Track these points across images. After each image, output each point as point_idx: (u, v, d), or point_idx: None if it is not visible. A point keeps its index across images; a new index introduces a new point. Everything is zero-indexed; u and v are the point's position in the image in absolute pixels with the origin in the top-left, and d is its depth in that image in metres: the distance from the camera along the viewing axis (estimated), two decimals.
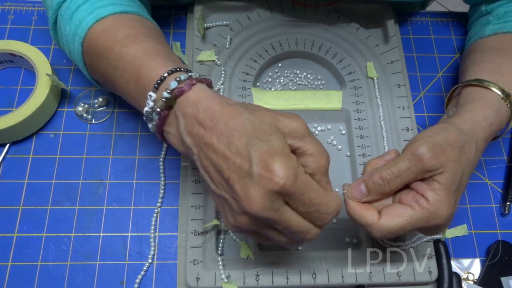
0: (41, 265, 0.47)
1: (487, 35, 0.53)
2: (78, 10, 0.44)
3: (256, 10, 0.60)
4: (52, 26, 0.48)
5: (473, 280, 0.49)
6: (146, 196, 0.51)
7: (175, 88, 0.36)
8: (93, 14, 0.43)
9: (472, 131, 0.41)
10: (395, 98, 0.55)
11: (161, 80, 0.37)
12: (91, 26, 0.43)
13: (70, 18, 0.44)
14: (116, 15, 0.44)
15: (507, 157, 0.57)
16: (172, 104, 0.36)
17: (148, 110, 0.38)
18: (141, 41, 0.41)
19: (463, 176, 0.39)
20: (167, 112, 0.37)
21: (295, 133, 0.35)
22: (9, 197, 0.50)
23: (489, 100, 0.44)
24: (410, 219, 0.37)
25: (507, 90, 0.44)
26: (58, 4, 0.46)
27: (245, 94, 0.54)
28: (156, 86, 0.37)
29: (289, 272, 0.45)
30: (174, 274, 0.47)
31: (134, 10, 0.45)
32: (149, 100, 0.37)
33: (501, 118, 0.44)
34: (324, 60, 0.58)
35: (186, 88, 0.36)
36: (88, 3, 0.44)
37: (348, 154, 0.53)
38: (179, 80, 0.36)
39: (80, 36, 0.44)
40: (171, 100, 0.36)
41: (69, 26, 0.45)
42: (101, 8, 0.44)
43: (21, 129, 0.51)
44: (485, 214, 0.53)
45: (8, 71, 0.57)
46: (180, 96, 0.36)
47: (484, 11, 0.56)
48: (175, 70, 0.38)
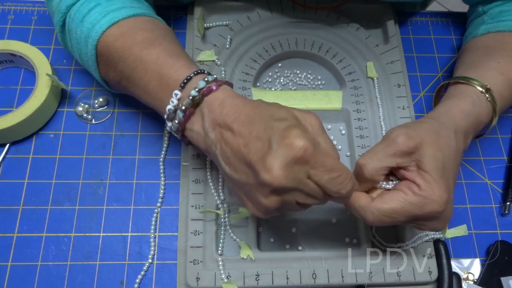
0: (41, 265, 0.47)
1: (480, 34, 0.54)
2: (90, 13, 0.45)
3: (256, 10, 0.60)
4: (60, 29, 0.48)
5: (473, 280, 0.49)
6: (146, 196, 0.51)
7: (203, 87, 0.38)
8: (107, 17, 0.44)
9: (447, 119, 0.42)
10: (395, 98, 0.55)
11: (187, 80, 0.39)
12: (105, 30, 0.44)
13: (81, 21, 0.45)
14: (130, 18, 0.45)
15: (507, 157, 0.57)
16: (199, 102, 0.39)
17: (171, 108, 0.39)
18: (160, 44, 0.43)
19: (447, 161, 0.39)
20: (193, 109, 0.39)
21: (311, 127, 0.37)
22: (9, 197, 0.50)
23: (466, 94, 0.45)
24: (403, 203, 0.38)
25: (486, 85, 0.45)
26: (67, 7, 0.46)
27: (245, 94, 0.54)
28: (182, 85, 0.39)
29: (289, 272, 0.45)
30: (174, 274, 0.47)
31: (145, 12, 0.46)
32: (173, 98, 0.39)
33: (479, 111, 0.45)
34: (324, 60, 0.58)
35: (214, 88, 0.38)
36: (100, 7, 0.45)
37: (348, 154, 0.53)
38: (207, 81, 0.39)
39: (94, 39, 0.44)
40: (198, 99, 0.38)
41: (80, 29, 0.45)
42: (114, 11, 0.45)
43: (21, 129, 0.51)
44: (485, 214, 0.53)
45: (8, 71, 0.57)
46: (208, 95, 0.38)
47: (480, 11, 0.56)
48: (199, 72, 0.40)
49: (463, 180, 0.55)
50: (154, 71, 0.41)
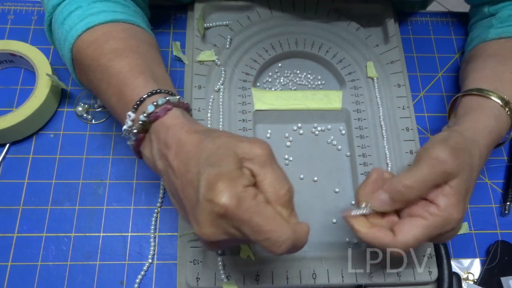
0: (41, 265, 0.47)
1: (490, 39, 0.52)
2: (70, 16, 0.44)
3: (256, 10, 0.60)
4: (47, 27, 0.48)
5: (473, 280, 0.49)
6: (146, 196, 0.51)
7: (151, 112, 0.36)
8: (83, 22, 0.43)
9: (473, 138, 0.41)
10: (395, 98, 0.55)
11: (140, 102, 0.38)
12: (80, 34, 0.43)
13: (62, 23, 0.44)
14: (106, 24, 0.43)
15: (507, 157, 0.57)
16: (148, 127, 0.37)
17: (126, 129, 0.38)
18: (126, 56, 0.41)
19: (471, 180, 0.39)
20: (142, 134, 0.38)
21: (256, 159, 0.34)
22: (9, 197, 0.50)
23: (487, 109, 0.44)
24: (425, 229, 0.37)
25: (506, 98, 0.45)
26: (53, 7, 0.45)
27: (245, 94, 0.54)
28: (135, 107, 0.38)
29: (289, 272, 0.45)
30: (174, 274, 0.47)
31: (126, 18, 0.45)
32: (128, 120, 0.38)
33: (501, 126, 0.44)
34: (324, 60, 0.58)
35: (162, 114, 0.36)
36: (80, 10, 0.44)
37: (348, 154, 0.53)
38: (156, 105, 0.37)
39: (70, 42, 0.43)
40: (147, 124, 0.37)
41: (61, 31, 0.44)
42: (92, 15, 0.43)
43: (21, 129, 0.51)
44: (485, 214, 0.53)
45: (8, 71, 0.57)
46: (155, 121, 0.37)
47: (487, 12, 0.55)
48: (155, 92, 0.38)
49: None
50: (115, 86, 0.40)
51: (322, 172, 0.52)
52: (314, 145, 0.54)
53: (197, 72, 0.55)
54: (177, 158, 0.34)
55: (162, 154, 0.36)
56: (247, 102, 0.54)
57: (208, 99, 0.53)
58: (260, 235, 0.31)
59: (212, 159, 0.33)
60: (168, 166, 0.35)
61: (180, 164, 0.34)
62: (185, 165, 0.34)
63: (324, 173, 0.52)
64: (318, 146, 0.54)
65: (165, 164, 0.36)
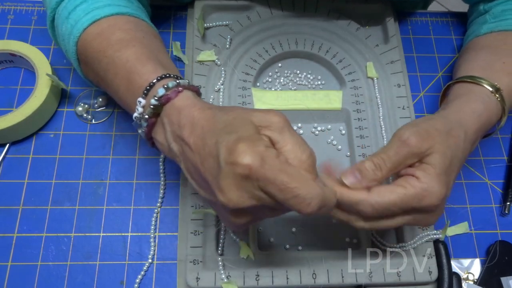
0: (41, 265, 0.47)
1: (483, 34, 0.53)
2: (75, 10, 0.44)
3: (256, 10, 0.60)
4: (50, 24, 0.48)
5: (473, 280, 0.49)
6: (146, 196, 0.51)
7: (162, 95, 0.36)
8: (89, 15, 0.43)
9: (459, 119, 0.42)
10: (395, 98, 0.55)
11: (150, 87, 0.37)
12: (86, 28, 0.43)
13: (67, 17, 0.44)
14: (112, 17, 0.44)
15: (507, 157, 0.57)
16: (159, 111, 0.37)
17: (137, 116, 0.38)
18: (133, 45, 0.41)
19: (453, 159, 0.39)
20: (154, 119, 0.37)
21: (273, 126, 0.33)
22: (9, 197, 0.50)
23: (476, 94, 0.45)
24: (401, 196, 0.36)
25: (496, 85, 0.45)
26: (57, 3, 0.46)
27: (245, 94, 0.54)
28: (146, 92, 0.37)
29: (289, 272, 0.45)
30: (174, 274, 0.47)
31: (131, 12, 0.45)
32: (138, 106, 0.37)
33: (490, 111, 0.44)
34: (324, 60, 0.58)
35: (173, 96, 0.36)
36: (85, 4, 0.44)
37: (348, 154, 0.53)
38: (166, 87, 0.36)
39: (75, 36, 0.44)
40: (158, 107, 0.37)
41: (65, 26, 0.45)
42: (98, 9, 0.44)
43: (21, 129, 0.51)
44: (485, 214, 0.53)
45: (8, 71, 0.57)
46: (167, 104, 0.36)
47: (482, 10, 0.56)
48: (164, 77, 0.38)
49: (463, 180, 0.55)
50: (123, 75, 0.40)
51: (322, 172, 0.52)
52: (314, 145, 0.53)
53: (197, 72, 0.55)
54: (193, 134, 0.34)
55: (176, 136, 0.36)
56: (247, 102, 0.54)
57: (208, 99, 0.53)
58: (288, 193, 0.30)
59: (229, 128, 0.32)
60: (185, 145, 0.35)
61: (196, 139, 0.34)
62: (202, 139, 0.33)
63: None
64: (318, 146, 0.54)
65: (180, 145, 0.35)
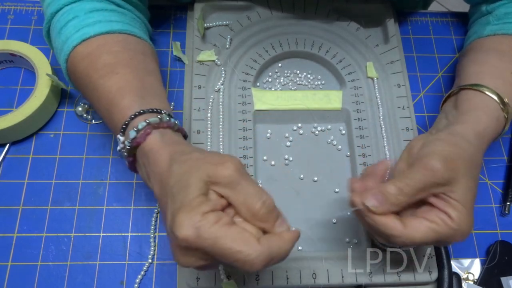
0: (41, 265, 0.47)
1: (486, 35, 0.53)
2: (67, 26, 0.44)
3: (256, 10, 0.60)
4: (46, 34, 0.48)
5: (473, 280, 0.49)
6: (146, 196, 0.51)
7: (133, 138, 0.37)
8: (79, 32, 0.43)
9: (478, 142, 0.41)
10: (395, 98, 0.55)
11: (126, 125, 0.38)
12: (76, 46, 0.43)
13: (59, 32, 0.45)
14: (101, 36, 0.43)
15: (507, 157, 0.57)
16: (134, 152, 0.38)
17: (119, 150, 0.39)
18: (117, 73, 0.41)
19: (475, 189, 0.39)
20: (131, 158, 0.39)
21: (222, 181, 0.33)
22: (9, 197, 0.50)
23: (490, 110, 0.44)
24: (435, 233, 0.37)
25: (506, 101, 0.45)
26: (52, 14, 0.46)
27: (245, 94, 0.54)
28: (122, 131, 0.38)
29: (289, 272, 0.45)
30: (174, 274, 0.47)
31: (122, 28, 0.45)
32: (119, 142, 0.38)
33: (498, 128, 0.45)
34: (324, 60, 0.58)
35: (141, 140, 0.37)
36: (76, 19, 0.44)
37: (348, 154, 0.53)
38: (137, 130, 0.37)
39: (66, 53, 0.44)
40: (132, 149, 0.38)
41: (58, 41, 0.45)
42: (88, 26, 0.43)
43: (21, 129, 0.51)
44: (485, 214, 0.53)
45: (8, 71, 0.57)
46: (138, 147, 0.37)
47: (484, 11, 0.56)
48: (138, 114, 0.38)
49: None
50: (105, 105, 0.41)
51: (322, 172, 0.52)
52: (314, 145, 0.54)
53: (197, 72, 0.55)
54: (156, 184, 0.36)
55: (148, 178, 0.37)
56: (247, 102, 0.54)
57: (208, 99, 0.53)
58: (229, 257, 0.31)
59: (177, 187, 0.33)
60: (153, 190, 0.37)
61: (158, 190, 0.36)
62: (161, 192, 0.35)
63: (324, 173, 0.52)
64: (318, 146, 0.54)
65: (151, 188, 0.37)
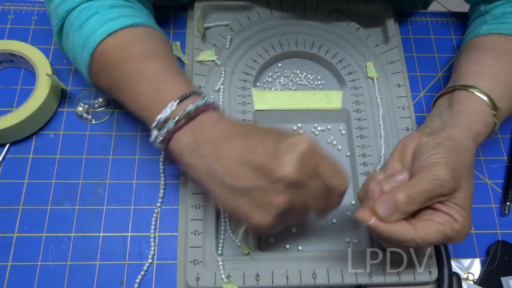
0: (41, 265, 0.47)
1: (483, 34, 0.53)
2: (88, 21, 0.45)
3: (256, 10, 0.60)
4: (58, 32, 0.48)
5: (473, 280, 0.49)
6: (146, 196, 0.51)
7: (202, 104, 0.40)
8: (105, 26, 0.45)
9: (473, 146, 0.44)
10: (395, 98, 0.55)
11: (185, 96, 0.41)
12: (104, 39, 0.44)
13: (80, 27, 0.45)
14: (128, 28, 0.45)
15: (507, 157, 0.57)
16: (194, 116, 0.40)
17: (163, 117, 0.40)
18: (157, 59, 0.44)
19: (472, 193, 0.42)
20: (185, 121, 0.40)
21: None
22: (9, 197, 0.50)
23: (483, 114, 0.45)
24: (443, 235, 0.39)
25: (498, 106, 0.46)
26: (67, 12, 0.46)
27: (245, 94, 0.54)
28: (180, 99, 0.41)
29: (289, 272, 0.45)
30: (174, 274, 0.47)
31: (143, 22, 0.47)
32: (167, 108, 0.40)
33: (488, 131, 0.46)
34: (324, 60, 0.58)
35: (211, 107, 0.41)
36: (98, 15, 0.45)
37: (348, 154, 0.53)
38: (206, 100, 0.41)
39: (92, 46, 0.45)
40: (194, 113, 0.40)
41: (78, 36, 0.45)
42: (112, 20, 0.45)
43: (21, 129, 0.51)
44: (485, 214, 0.53)
45: (8, 71, 0.57)
46: (204, 112, 0.40)
47: (483, 10, 0.56)
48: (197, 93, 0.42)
49: None
50: (149, 84, 0.42)
51: None
52: None
53: (197, 72, 0.55)
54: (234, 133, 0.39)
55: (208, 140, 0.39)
56: (247, 102, 0.54)
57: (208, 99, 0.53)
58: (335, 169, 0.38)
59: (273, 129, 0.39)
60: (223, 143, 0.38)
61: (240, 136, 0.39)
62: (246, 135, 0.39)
63: None
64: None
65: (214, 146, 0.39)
